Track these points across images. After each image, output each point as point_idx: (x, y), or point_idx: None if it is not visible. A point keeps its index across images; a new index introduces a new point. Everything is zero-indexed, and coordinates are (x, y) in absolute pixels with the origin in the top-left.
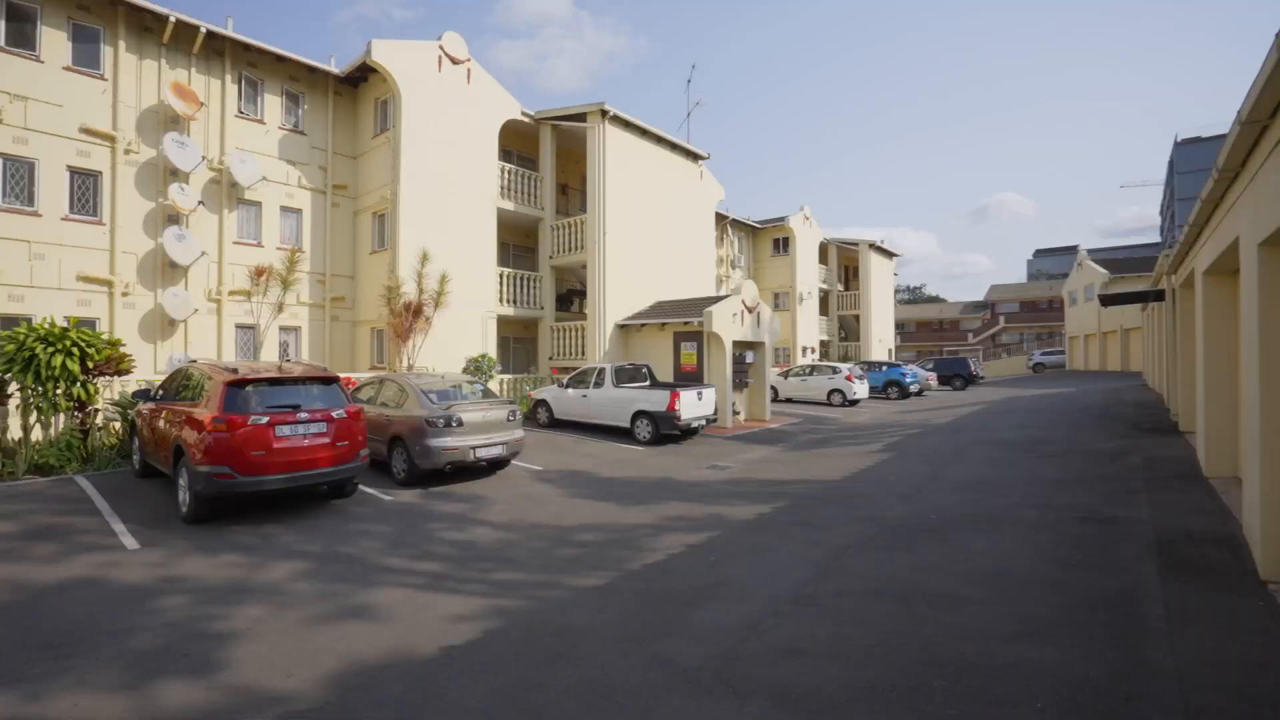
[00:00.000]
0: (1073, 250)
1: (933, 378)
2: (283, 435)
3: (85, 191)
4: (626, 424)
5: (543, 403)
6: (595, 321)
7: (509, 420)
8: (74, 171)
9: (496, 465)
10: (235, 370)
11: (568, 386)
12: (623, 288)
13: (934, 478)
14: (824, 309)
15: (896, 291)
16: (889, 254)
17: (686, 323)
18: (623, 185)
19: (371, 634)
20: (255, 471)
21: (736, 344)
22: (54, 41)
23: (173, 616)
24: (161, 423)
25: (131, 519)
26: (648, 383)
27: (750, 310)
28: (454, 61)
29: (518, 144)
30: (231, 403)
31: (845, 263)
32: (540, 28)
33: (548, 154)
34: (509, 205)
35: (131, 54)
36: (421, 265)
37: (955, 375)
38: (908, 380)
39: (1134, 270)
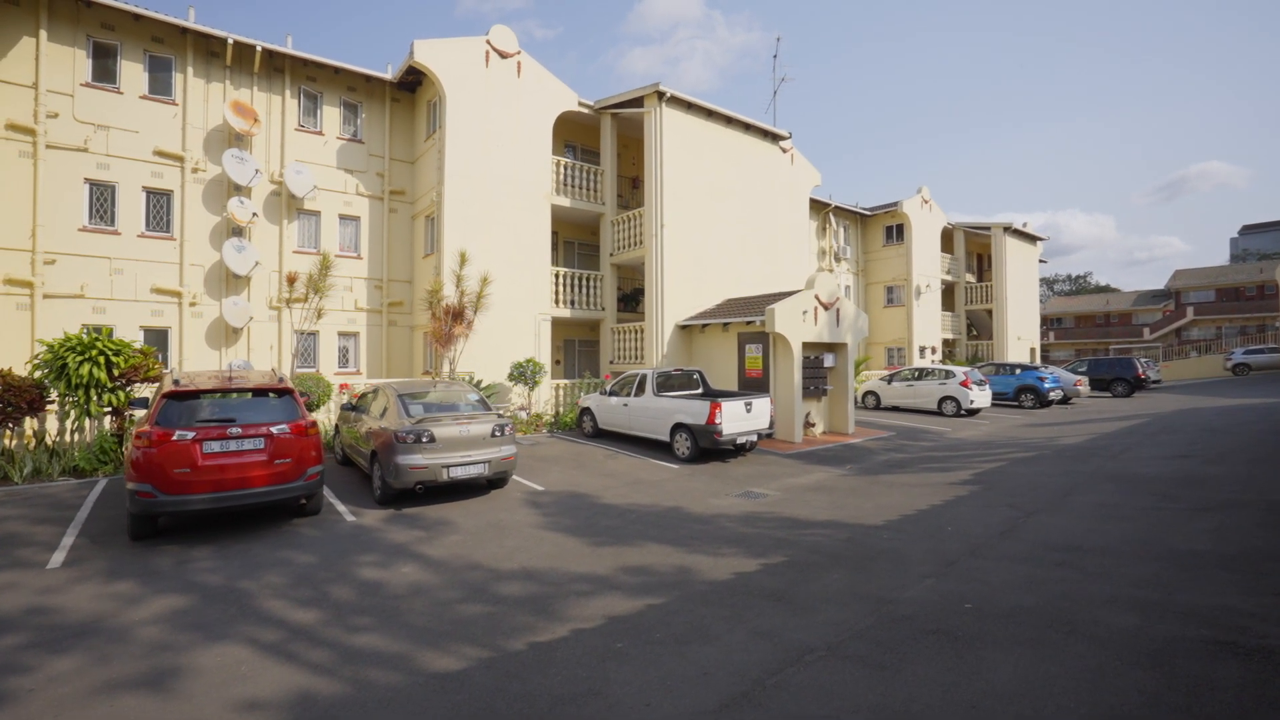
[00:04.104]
0: None
1: (1082, 382)
2: (211, 452)
3: (158, 209)
4: (666, 437)
5: (587, 411)
6: (653, 322)
7: (494, 436)
8: (149, 191)
9: (494, 484)
10: (177, 381)
11: (610, 394)
12: (686, 285)
13: (1008, 533)
14: (949, 304)
15: (1054, 281)
16: (1032, 238)
17: (749, 322)
18: (685, 173)
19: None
20: (178, 490)
21: (808, 345)
22: (132, 74)
23: None
24: None
25: (89, 531)
26: (699, 390)
27: (827, 307)
28: (502, 56)
29: (580, 137)
30: (164, 416)
31: (977, 250)
32: (672, 31)
33: (608, 145)
34: (565, 201)
35: (199, 78)
36: (460, 267)
37: (1116, 379)
38: (1046, 386)
39: None
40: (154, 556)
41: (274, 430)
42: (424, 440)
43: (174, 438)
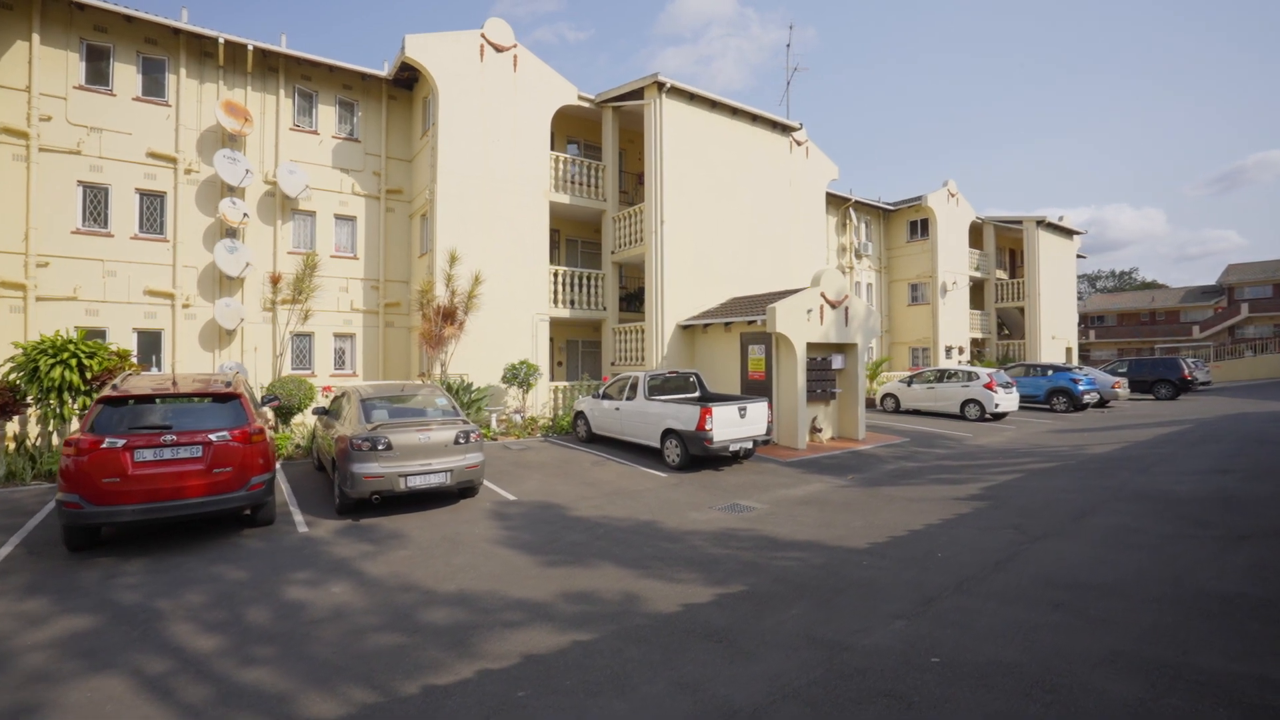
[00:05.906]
0: None
1: (1121, 384)
2: (143, 460)
3: (152, 211)
4: (657, 443)
5: (581, 415)
6: (653, 322)
7: (458, 444)
8: (142, 193)
9: (464, 493)
10: (115, 386)
11: (603, 397)
12: (689, 283)
13: (1005, 563)
14: (978, 301)
15: (1097, 278)
16: (1068, 232)
17: (751, 322)
18: (688, 166)
19: None
20: (107, 501)
21: (814, 346)
22: (125, 75)
23: None
24: None
25: (31, 540)
26: (696, 394)
27: (834, 305)
28: (498, 49)
29: (583, 132)
30: (98, 423)
31: (1009, 246)
32: (704, 30)
33: (610, 140)
34: (565, 199)
35: (192, 79)
36: (450, 266)
37: (1159, 380)
38: (1080, 388)
39: None
40: (83, 570)
41: (213, 437)
42: (380, 448)
43: (103, 445)
